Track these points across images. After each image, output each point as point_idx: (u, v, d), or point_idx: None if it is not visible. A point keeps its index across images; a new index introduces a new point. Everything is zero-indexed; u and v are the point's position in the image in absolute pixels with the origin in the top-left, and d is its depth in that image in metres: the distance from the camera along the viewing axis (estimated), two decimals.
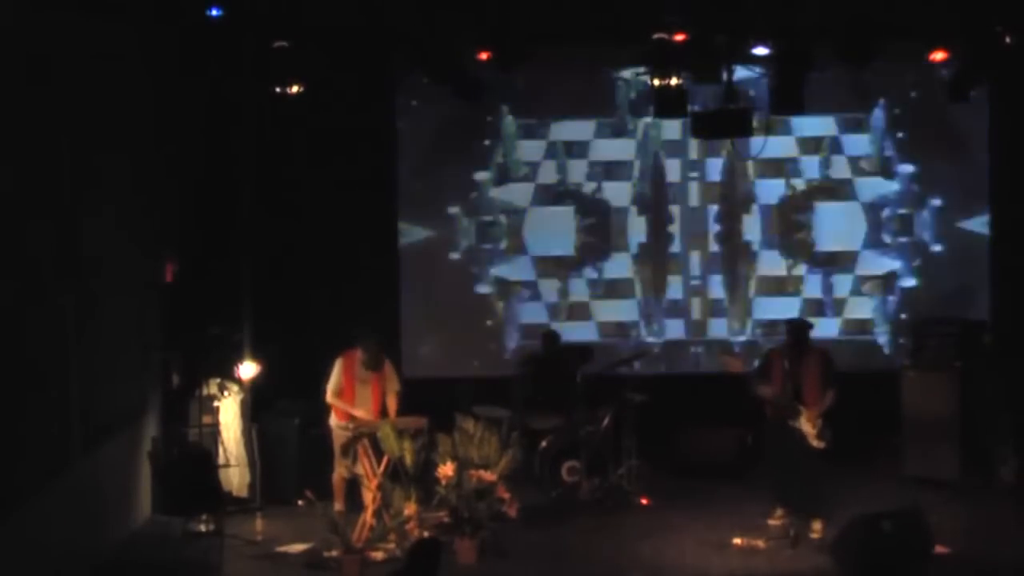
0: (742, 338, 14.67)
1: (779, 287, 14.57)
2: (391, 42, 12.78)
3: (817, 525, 11.70)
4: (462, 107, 13.88)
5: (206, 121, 13.54)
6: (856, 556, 10.34)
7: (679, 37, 11.89)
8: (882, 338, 14.65)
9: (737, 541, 11.64)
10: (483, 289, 14.67)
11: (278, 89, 12.40)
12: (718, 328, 14.64)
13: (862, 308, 14.53)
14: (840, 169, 14.44)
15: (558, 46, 13.49)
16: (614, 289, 14.58)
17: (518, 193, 14.53)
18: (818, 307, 14.52)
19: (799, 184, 14.47)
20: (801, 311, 14.39)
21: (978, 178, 14.58)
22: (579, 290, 14.59)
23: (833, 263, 14.54)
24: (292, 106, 12.81)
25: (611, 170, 14.47)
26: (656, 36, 11.89)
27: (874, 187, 14.50)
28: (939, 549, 10.86)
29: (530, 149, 14.45)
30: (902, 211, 14.56)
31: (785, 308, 14.18)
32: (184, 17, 11.97)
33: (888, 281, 14.58)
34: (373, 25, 12.15)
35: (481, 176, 14.54)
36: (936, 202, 14.56)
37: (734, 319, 14.63)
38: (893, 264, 14.55)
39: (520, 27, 12.25)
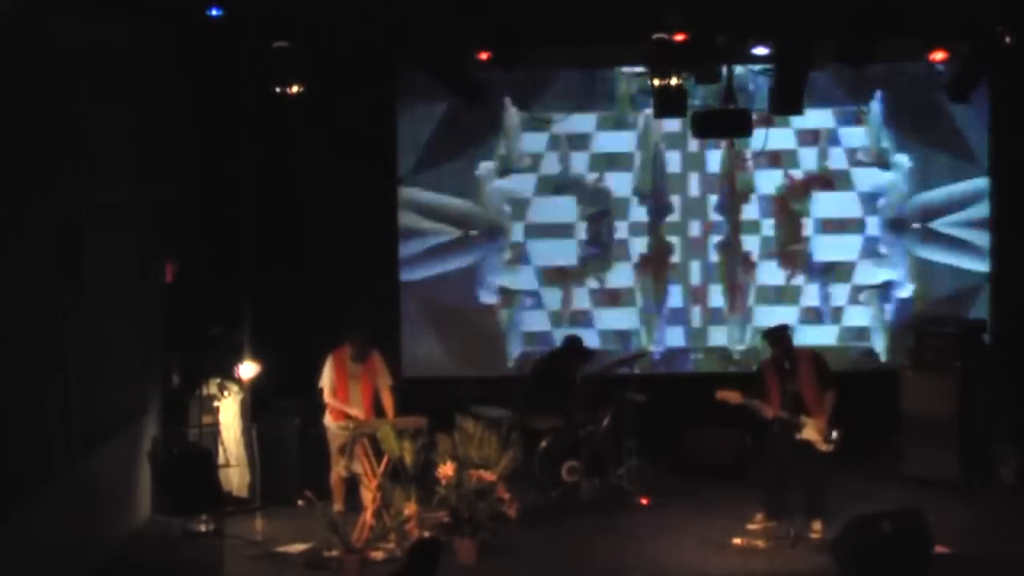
0: (741, 347, 14.73)
1: (778, 296, 14.66)
2: (391, 43, 12.78)
3: (817, 525, 11.71)
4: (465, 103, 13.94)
5: (206, 121, 13.53)
6: (856, 556, 10.35)
7: (679, 37, 11.89)
8: (879, 345, 14.70)
9: (737, 541, 11.65)
10: (485, 297, 14.72)
11: (278, 89, 12.40)
12: (718, 336, 14.71)
13: (859, 316, 14.62)
14: (837, 160, 14.55)
15: (558, 46, 13.52)
16: (615, 298, 14.67)
17: (521, 183, 14.60)
18: (816, 315, 14.61)
19: (797, 174, 14.58)
20: (799, 319, 14.47)
21: (976, 172, 14.60)
22: (581, 299, 14.69)
23: (830, 273, 14.64)
24: (292, 106, 12.80)
25: (612, 161, 14.56)
26: (656, 36, 11.89)
27: (870, 177, 14.58)
28: (939, 549, 10.87)
29: (533, 141, 14.53)
30: (898, 202, 14.62)
31: (784, 317, 14.13)
32: (184, 17, 11.97)
33: (884, 290, 14.66)
34: (373, 25, 12.15)
35: (485, 167, 14.58)
36: (933, 195, 14.60)
37: (734, 327, 14.66)
38: (889, 274, 14.65)
39: (520, 27, 12.25)
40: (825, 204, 14.61)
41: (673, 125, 14.25)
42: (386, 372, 12.24)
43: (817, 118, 14.34)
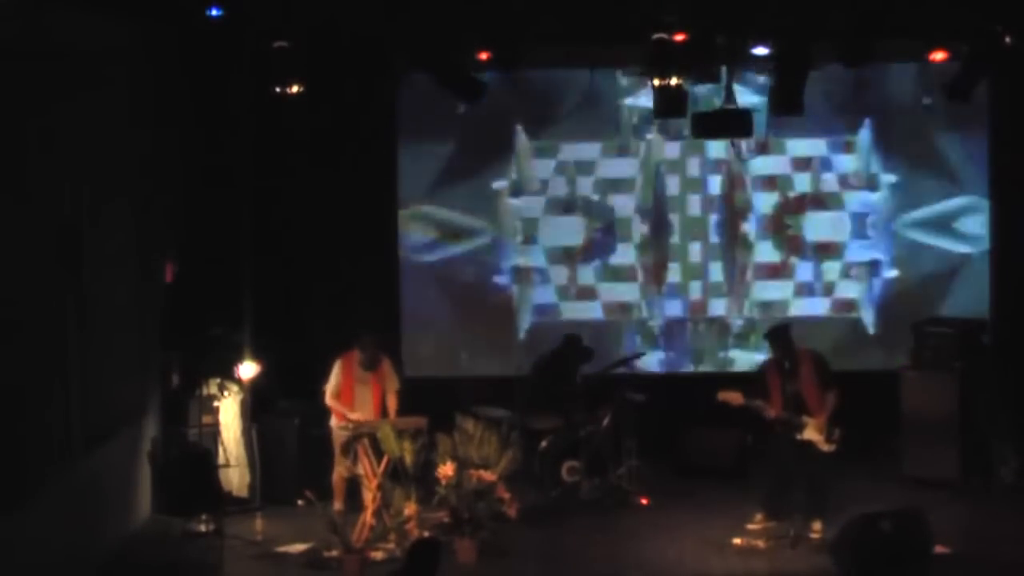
0: (740, 322, 14.99)
1: (774, 273, 14.98)
2: (391, 43, 12.78)
3: (817, 525, 11.70)
4: (468, 115, 14.27)
5: (206, 121, 13.53)
6: (855, 556, 10.33)
7: (679, 37, 11.90)
8: (867, 317, 14.93)
9: (737, 541, 11.65)
10: (498, 279, 14.96)
11: (278, 89, 12.40)
12: (717, 308, 15.04)
13: (849, 290, 14.95)
14: (830, 184, 14.98)
15: (558, 46, 13.55)
16: (618, 274, 15.01)
17: (531, 204, 15.00)
18: (808, 289, 14.97)
19: (792, 195, 14.98)
20: (794, 293, 14.87)
21: (962, 192, 14.85)
22: (586, 275, 15.02)
23: (823, 252, 14.96)
24: (292, 106, 12.81)
25: (615, 184, 14.98)
26: (656, 36, 11.89)
27: (861, 198, 14.99)
28: (939, 549, 10.87)
29: (542, 167, 14.98)
30: (887, 218, 14.93)
31: (780, 290, 14.84)
32: (184, 17, 11.97)
33: (872, 268, 14.95)
34: (373, 26, 12.15)
35: (499, 186, 14.93)
36: (921, 213, 14.89)
37: (733, 300, 14.99)
38: (877, 255, 14.93)
39: (520, 27, 12.26)
40: (818, 222, 14.99)
41: (673, 152, 14.85)
42: (394, 377, 12.28)
43: (810, 146, 14.87)
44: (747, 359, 14.62)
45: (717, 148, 14.77)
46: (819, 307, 14.89)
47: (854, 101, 14.60)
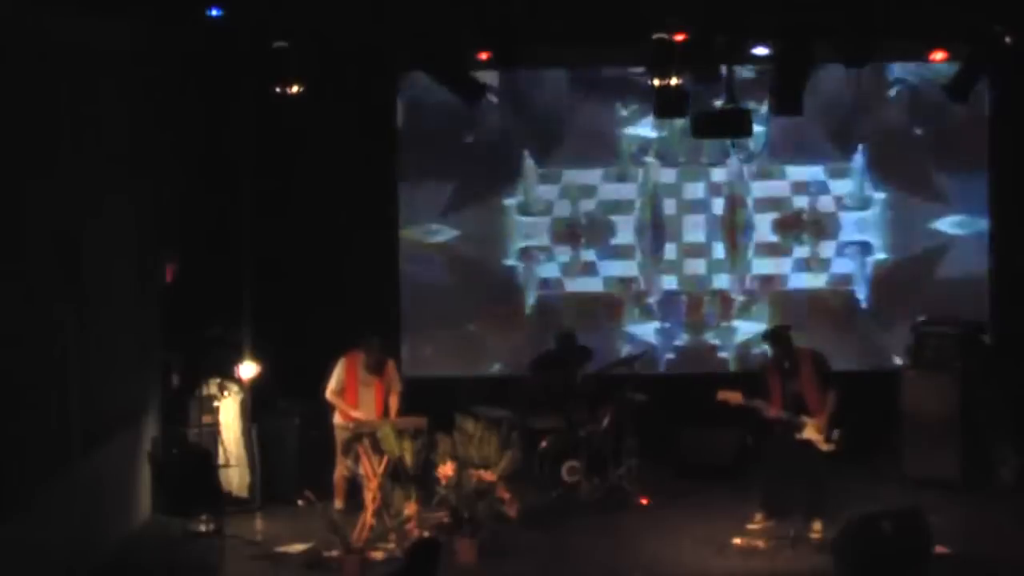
0: (741, 297, 15.19)
1: (773, 251, 15.26)
2: (391, 43, 12.78)
3: (817, 525, 11.71)
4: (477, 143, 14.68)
5: (206, 121, 13.53)
6: (855, 556, 10.34)
7: (679, 37, 11.90)
8: (861, 293, 15.16)
9: (737, 541, 11.65)
10: (503, 258, 15.17)
11: (278, 89, 12.41)
12: (719, 282, 15.28)
13: (844, 266, 15.22)
14: (826, 205, 15.26)
15: (558, 46, 13.56)
16: (618, 252, 15.32)
17: (537, 223, 15.31)
18: (806, 264, 15.26)
19: (790, 214, 15.26)
20: (792, 268, 15.14)
21: (952, 212, 14.99)
22: (588, 254, 15.34)
23: (820, 232, 15.23)
24: (292, 106, 12.81)
25: (616, 206, 15.29)
26: (656, 36, 11.90)
27: (856, 216, 15.25)
28: (939, 549, 10.87)
29: (546, 190, 15.30)
30: (880, 224, 15.17)
31: (778, 266, 15.19)
32: (184, 17, 11.96)
33: (865, 248, 15.18)
34: (373, 25, 12.15)
35: (508, 203, 15.20)
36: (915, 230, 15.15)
37: (734, 274, 15.25)
38: (869, 238, 15.18)
39: (520, 27, 12.25)
40: (812, 238, 15.28)
41: (670, 177, 15.22)
42: (397, 379, 12.36)
43: (807, 173, 15.19)
44: (748, 328, 14.92)
45: (716, 172, 15.11)
46: (815, 281, 15.16)
47: (849, 128, 14.91)
